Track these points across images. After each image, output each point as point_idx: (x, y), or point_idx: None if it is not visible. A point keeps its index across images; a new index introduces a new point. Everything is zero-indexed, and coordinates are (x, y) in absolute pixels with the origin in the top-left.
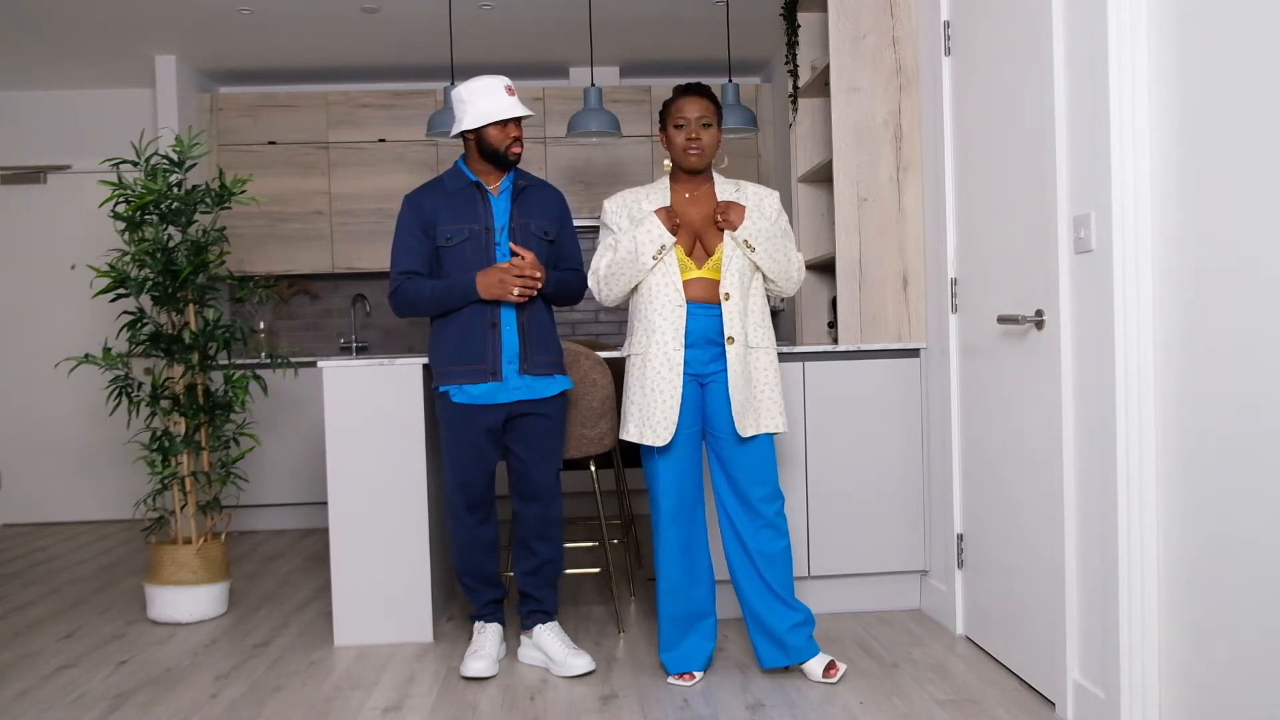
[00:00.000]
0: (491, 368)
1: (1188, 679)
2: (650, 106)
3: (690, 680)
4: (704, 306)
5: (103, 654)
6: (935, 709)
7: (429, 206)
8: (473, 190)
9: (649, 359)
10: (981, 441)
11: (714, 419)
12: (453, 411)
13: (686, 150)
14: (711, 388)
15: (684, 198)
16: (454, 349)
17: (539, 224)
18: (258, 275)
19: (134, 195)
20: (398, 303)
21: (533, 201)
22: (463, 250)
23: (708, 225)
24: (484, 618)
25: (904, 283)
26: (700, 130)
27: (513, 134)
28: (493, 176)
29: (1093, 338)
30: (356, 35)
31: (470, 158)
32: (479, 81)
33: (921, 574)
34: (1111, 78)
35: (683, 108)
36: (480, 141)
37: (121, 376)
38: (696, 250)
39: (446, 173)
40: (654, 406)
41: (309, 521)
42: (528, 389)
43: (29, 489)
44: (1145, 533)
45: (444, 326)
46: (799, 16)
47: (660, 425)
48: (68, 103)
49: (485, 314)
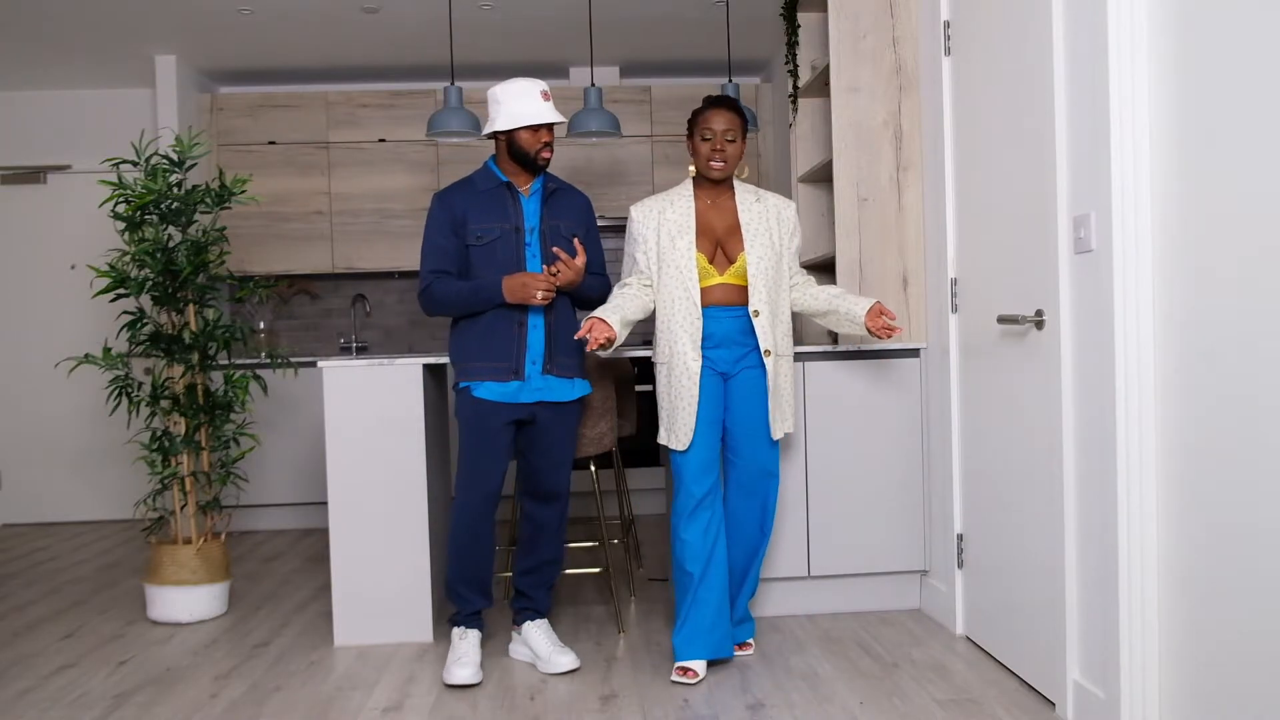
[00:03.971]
0: (515, 366)
1: (1188, 679)
2: (650, 106)
3: (694, 678)
4: (728, 309)
5: (103, 654)
6: (935, 709)
7: (460, 205)
8: (504, 190)
9: (672, 368)
10: (981, 441)
11: (733, 414)
12: (474, 406)
13: (710, 162)
14: (734, 384)
15: (706, 204)
16: (479, 346)
17: (568, 226)
18: (258, 275)
19: (134, 195)
20: (427, 301)
21: (562, 204)
22: (493, 249)
23: (730, 233)
24: (465, 624)
25: (904, 283)
26: (725, 144)
27: (544, 139)
28: (522, 178)
29: (1093, 338)
30: (356, 35)
31: (500, 158)
32: (516, 84)
33: (921, 574)
34: (1111, 78)
35: (710, 120)
36: (511, 143)
37: (121, 376)
38: (718, 257)
39: (477, 172)
40: (677, 413)
41: (309, 521)
42: (549, 390)
43: (29, 489)
44: (1145, 533)
45: (470, 324)
46: (799, 16)
47: (681, 431)
48: (68, 103)
49: (513, 313)
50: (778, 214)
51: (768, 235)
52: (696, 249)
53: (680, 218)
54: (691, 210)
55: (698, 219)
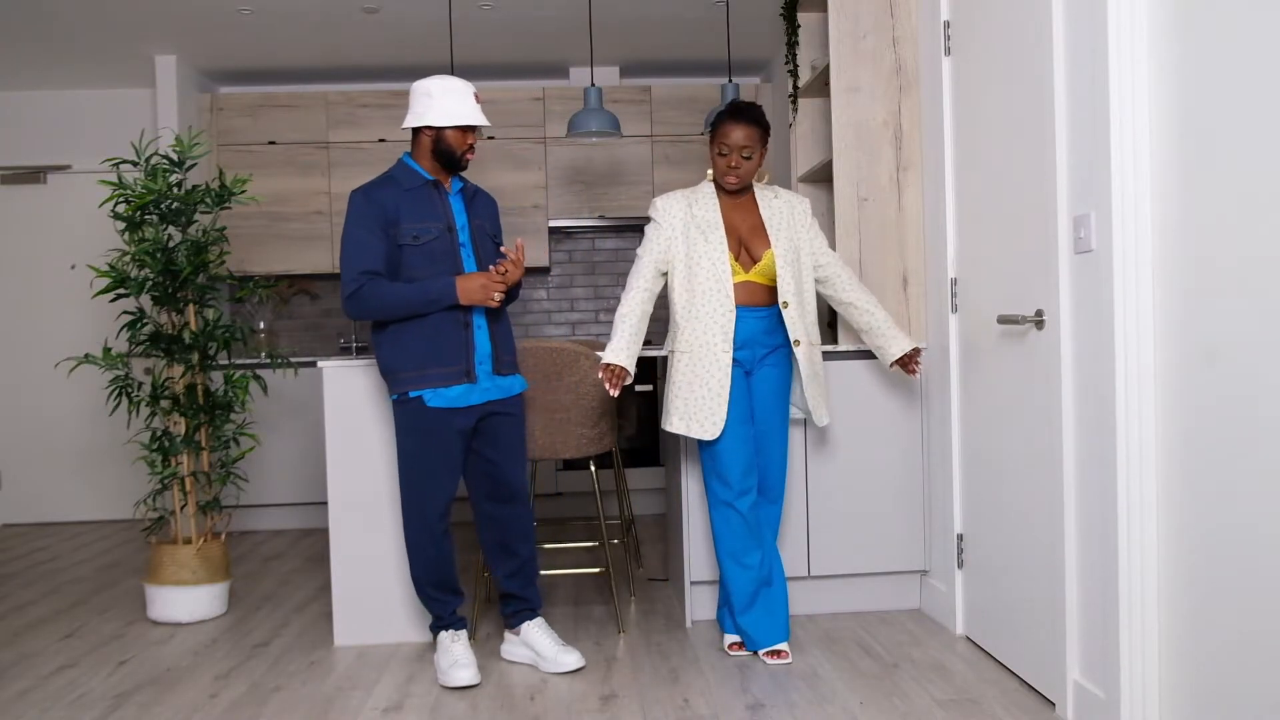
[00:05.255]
0: (466, 368)
1: (1188, 679)
2: (650, 106)
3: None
4: (751, 310)
5: (103, 654)
6: (935, 709)
7: (388, 203)
8: (431, 188)
9: (698, 358)
10: (981, 441)
11: (756, 407)
12: (425, 417)
13: (725, 175)
14: (755, 379)
15: (728, 202)
16: (426, 351)
17: (490, 226)
18: (258, 275)
19: (134, 195)
20: (358, 305)
21: (481, 205)
22: (430, 249)
23: (753, 232)
24: (452, 626)
25: (904, 283)
26: (741, 160)
27: (470, 141)
28: (442, 176)
29: (1093, 338)
30: (356, 35)
31: (420, 154)
32: (451, 80)
33: (921, 574)
34: (1111, 78)
35: (728, 134)
36: (438, 140)
37: (121, 376)
38: (742, 255)
39: (395, 168)
40: (701, 402)
41: (309, 521)
42: (498, 389)
43: (29, 489)
44: (1145, 532)
45: (409, 329)
46: (799, 16)
47: (709, 421)
48: (68, 103)
49: (458, 315)
50: (791, 209)
51: (789, 230)
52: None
53: (707, 213)
54: (716, 207)
55: (723, 216)
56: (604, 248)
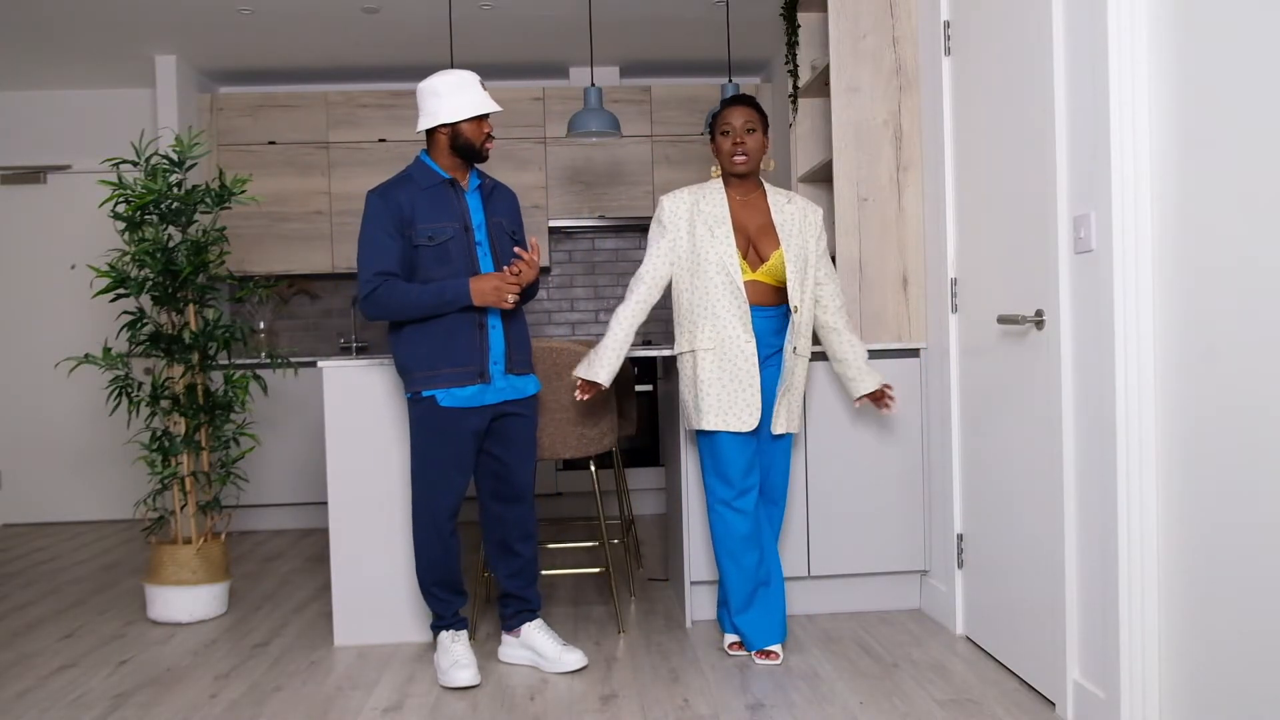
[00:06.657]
0: (480, 369)
1: (1188, 679)
2: (650, 106)
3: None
4: (758, 309)
5: (103, 654)
6: (935, 709)
7: (405, 203)
8: (447, 187)
9: (724, 352)
10: (981, 441)
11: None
12: (439, 417)
13: (733, 156)
14: (760, 378)
15: (738, 201)
16: (440, 351)
17: (508, 223)
18: (258, 275)
19: (134, 195)
20: (374, 306)
21: (499, 200)
22: (446, 249)
23: (762, 232)
24: (453, 626)
25: (904, 283)
26: (745, 136)
27: (486, 130)
28: (460, 174)
29: (1093, 338)
30: (356, 35)
31: (437, 153)
32: (454, 75)
33: (921, 574)
34: (1111, 78)
35: (728, 116)
36: (455, 136)
37: (121, 376)
38: (750, 254)
39: (411, 168)
40: (736, 395)
41: (309, 521)
42: (512, 389)
43: (29, 489)
44: (1145, 532)
45: (424, 328)
46: (799, 16)
47: (745, 411)
48: (68, 103)
49: (473, 315)
50: (804, 216)
51: (800, 236)
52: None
53: (715, 210)
54: (725, 204)
55: (731, 214)
56: (604, 248)
